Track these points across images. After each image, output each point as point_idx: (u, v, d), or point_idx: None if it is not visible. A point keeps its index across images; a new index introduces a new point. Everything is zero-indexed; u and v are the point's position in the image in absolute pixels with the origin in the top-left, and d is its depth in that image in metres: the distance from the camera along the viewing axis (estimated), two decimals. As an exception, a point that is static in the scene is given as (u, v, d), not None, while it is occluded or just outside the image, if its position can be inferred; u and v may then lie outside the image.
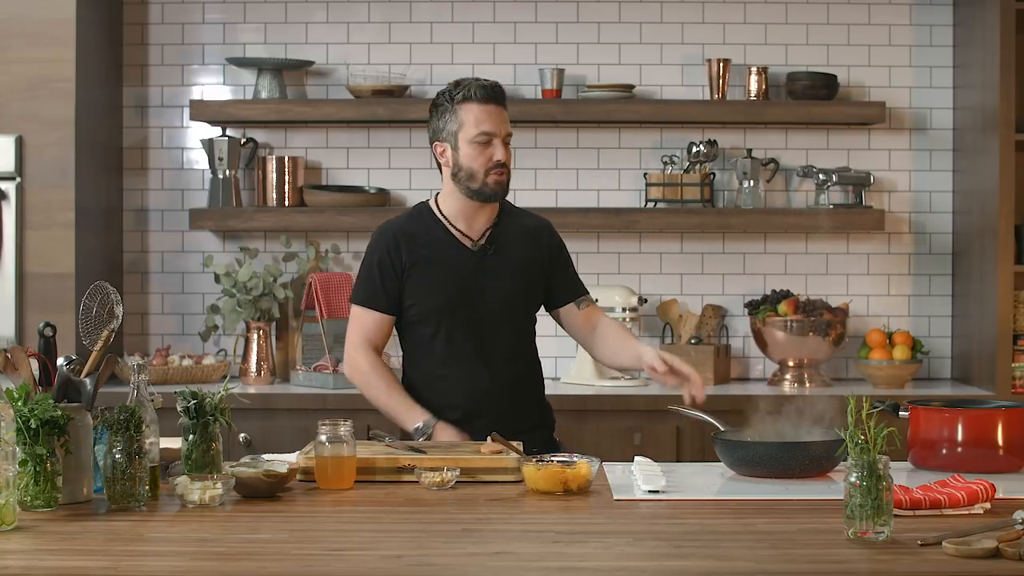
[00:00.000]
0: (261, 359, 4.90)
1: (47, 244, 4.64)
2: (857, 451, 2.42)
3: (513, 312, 3.55)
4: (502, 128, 3.49)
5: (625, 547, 2.41)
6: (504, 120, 3.51)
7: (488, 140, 3.46)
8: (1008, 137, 4.65)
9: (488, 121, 3.46)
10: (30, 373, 2.84)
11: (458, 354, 3.50)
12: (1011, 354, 4.70)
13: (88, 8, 4.75)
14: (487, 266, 3.52)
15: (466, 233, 3.53)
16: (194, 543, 2.45)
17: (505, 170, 3.49)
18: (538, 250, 3.59)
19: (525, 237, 3.58)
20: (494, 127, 3.47)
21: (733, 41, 5.11)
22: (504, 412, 3.49)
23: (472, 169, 3.47)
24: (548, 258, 3.59)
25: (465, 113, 3.47)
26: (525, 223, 3.63)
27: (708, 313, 5.03)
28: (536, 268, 3.57)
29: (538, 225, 3.64)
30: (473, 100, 3.46)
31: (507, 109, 3.55)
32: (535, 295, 3.60)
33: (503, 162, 3.48)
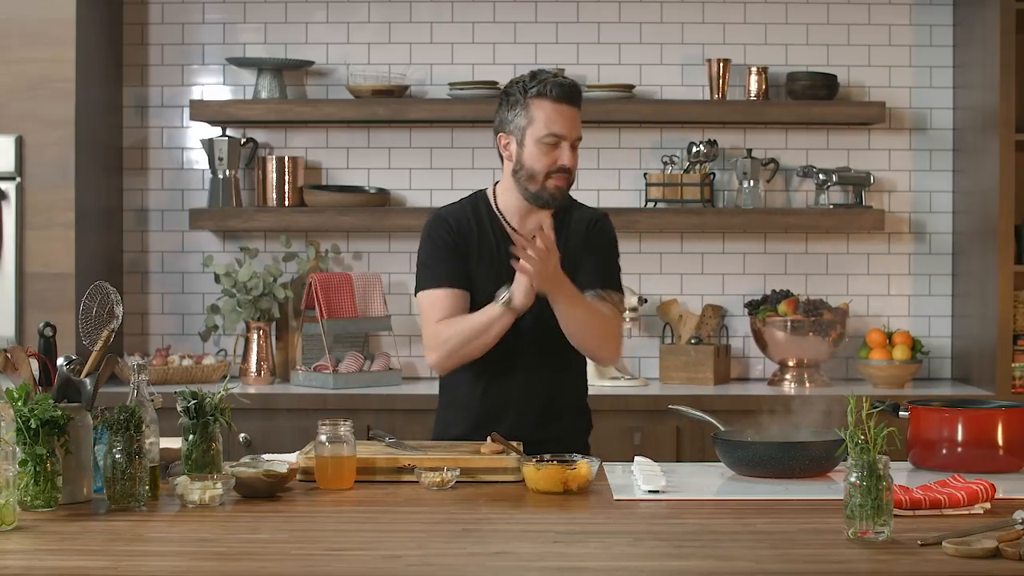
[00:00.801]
0: (261, 359, 4.90)
1: (47, 244, 4.64)
2: (857, 451, 2.42)
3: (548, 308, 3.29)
4: (573, 131, 3.30)
5: (625, 547, 2.41)
6: (576, 123, 3.31)
7: (556, 142, 3.28)
8: (1008, 137, 4.65)
9: (560, 122, 3.28)
10: (30, 373, 2.84)
11: (503, 356, 3.31)
12: (1011, 354, 4.70)
13: (88, 8, 4.75)
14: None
15: (520, 232, 3.34)
16: (194, 543, 2.45)
17: (568, 175, 3.31)
18: (583, 242, 3.39)
19: (578, 235, 3.39)
20: (565, 129, 3.28)
21: (733, 41, 5.11)
22: (548, 416, 3.37)
23: (534, 170, 3.29)
24: (587, 246, 3.39)
25: (537, 110, 3.28)
26: (581, 217, 3.42)
27: (708, 313, 5.03)
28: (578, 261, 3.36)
29: (591, 218, 3.44)
30: (547, 97, 3.28)
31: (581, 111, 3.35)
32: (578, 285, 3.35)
33: (568, 167, 3.29)
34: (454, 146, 5.11)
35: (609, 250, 3.44)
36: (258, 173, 5.05)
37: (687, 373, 4.88)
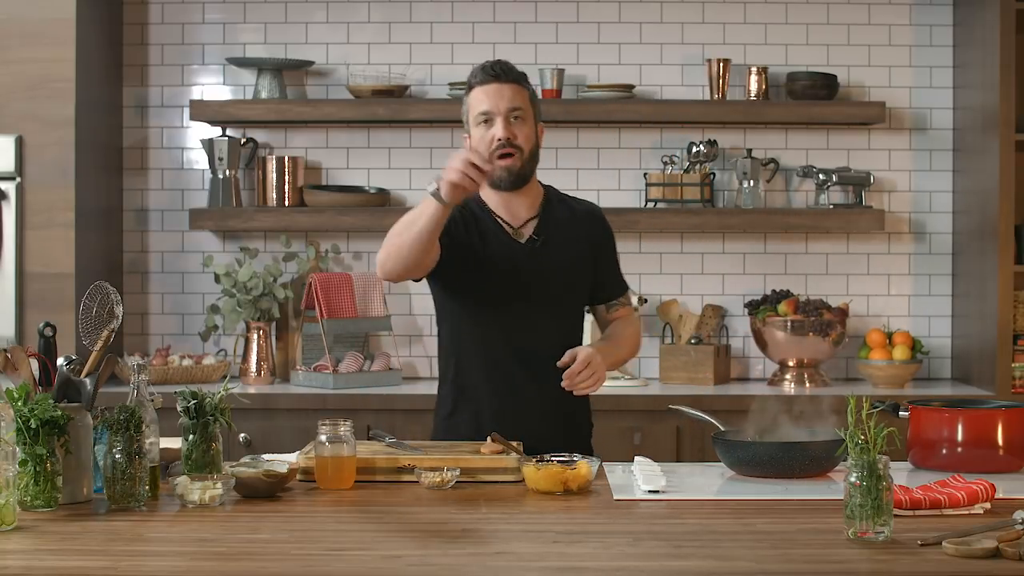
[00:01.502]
0: (261, 359, 4.90)
1: (47, 244, 4.64)
2: (857, 451, 2.42)
3: (560, 309, 3.37)
4: (501, 104, 3.24)
5: (625, 547, 2.41)
6: (506, 96, 3.25)
7: (488, 119, 3.26)
8: (1008, 137, 4.65)
9: (486, 100, 3.26)
10: (30, 373, 2.84)
11: (501, 350, 3.32)
12: (1011, 354, 4.70)
13: (88, 8, 4.75)
14: (535, 260, 3.32)
15: (510, 223, 3.35)
16: (194, 543, 2.45)
17: (511, 149, 3.25)
18: (587, 242, 3.40)
19: (573, 227, 3.38)
20: (491, 105, 3.25)
21: (733, 41, 5.11)
22: (548, 413, 3.34)
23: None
24: (596, 251, 3.41)
25: (471, 99, 3.31)
26: (572, 209, 3.42)
27: (708, 313, 5.03)
28: (585, 263, 3.39)
29: (586, 212, 3.44)
30: (476, 84, 3.30)
31: (521, 82, 3.30)
32: (583, 291, 3.43)
33: (504, 139, 3.24)
34: (454, 146, 5.11)
35: (613, 249, 3.50)
36: (258, 173, 5.05)
37: (687, 373, 4.88)
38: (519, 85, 3.30)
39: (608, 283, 3.47)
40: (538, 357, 3.31)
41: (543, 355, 3.29)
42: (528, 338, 3.33)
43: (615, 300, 3.49)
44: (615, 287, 3.50)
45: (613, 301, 3.48)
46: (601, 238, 3.45)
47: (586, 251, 3.40)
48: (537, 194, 3.39)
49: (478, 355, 3.36)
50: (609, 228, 3.49)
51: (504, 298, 3.31)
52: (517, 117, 3.26)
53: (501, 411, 3.33)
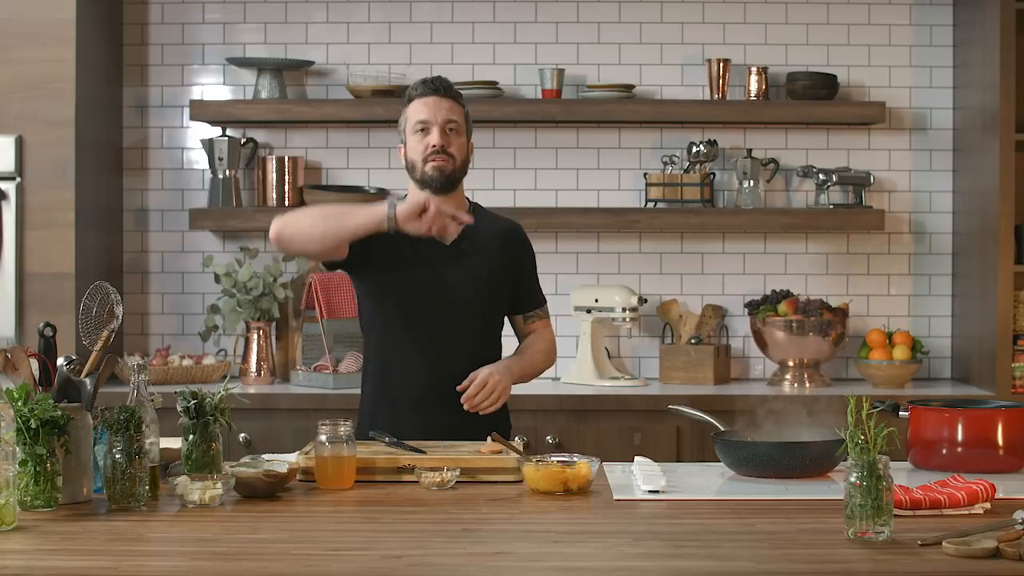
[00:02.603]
0: (261, 359, 4.90)
1: (47, 244, 4.64)
2: (857, 451, 2.42)
3: (477, 309, 3.55)
4: (439, 115, 3.48)
5: (625, 547, 2.41)
6: (443, 109, 3.50)
7: (425, 128, 3.49)
8: (1008, 137, 4.65)
9: (424, 111, 3.49)
10: (30, 373, 2.85)
11: (419, 345, 3.51)
12: (1011, 354, 4.70)
13: (88, 8, 4.75)
14: (458, 261, 3.53)
15: None
16: (194, 543, 2.45)
17: (444, 156, 3.48)
18: (510, 252, 3.63)
19: (494, 239, 3.60)
20: (429, 115, 3.48)
21: (733, 41, 5.11)
22: (460, 408, 3.45)
23: (415, 159, 3.50)
24: (515, 263, 3.64)
25: (409, 110, 3.53)
26: (496, 224, 3.66)
27: (708, 313, 5.03)
28: (506, 271, 3.61)
29: (510, 227, 3.68)
30: (414, 97, 3.53)
31: (457, 99, 3.54)
32: (502, 296, 3.62)
33: (438, 147, 3.47)
34: (454, 146, 5.11)
35: (531, 263, 3.70)
36: (258, 173, 5.05)
37: (687, 373, 4.88)
38: (455, 102, 3.55)
39: (525, 295, 3.67)
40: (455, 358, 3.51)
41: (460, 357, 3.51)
42: (447, 338, 3.53)
43: (531, 312, 3.68)
44: (532, 300, 3.69)
45: (529, 312, 3.68)
46: (519, 252, 3.66)
47: (504, 263, 3.60)
48: (462, 205, 3.57)
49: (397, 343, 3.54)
50: (528, 245, 3.70)
51: (426, 298, 3.51)
52: (452, 129, 3.51)
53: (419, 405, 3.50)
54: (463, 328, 3.53)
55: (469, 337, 3.54)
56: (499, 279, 3.59)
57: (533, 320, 3.69)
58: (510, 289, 3.63)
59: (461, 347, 3.52)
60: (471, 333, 3.55)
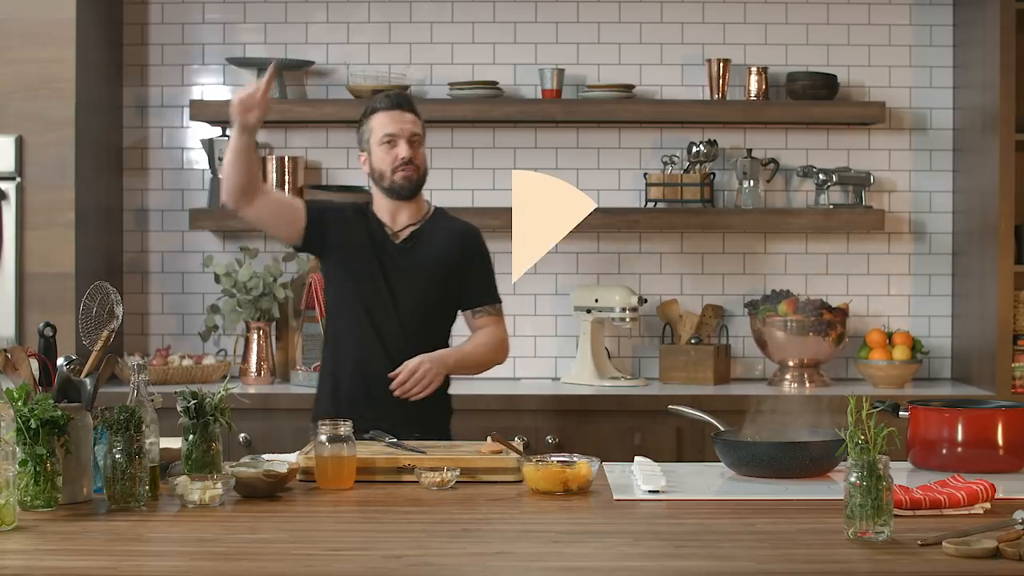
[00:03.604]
0: (261, 359, 4.90)
1: (47, 244, 4.64)
2: (857, 451, 2.42)
3: (422, 306, 3.80)
4: (405, 129, 3.79)
5: (625, 547, 2.41)
6: (408, 121, 3.81)
7: (392, 141, 3.78)
8: (1008, 137, 4.65)
9: (391, 124, 3.79)
10: (30, 373, 2.85)
11: (365, 336, 3.78)
12: (1011, 354, 4.70)
13: (88, 8, 4.75)
14: (405, 260, 3.81)
15: (390, 226, 3.86)
16: (194, 543, 2.45)
17: (412, 167, 3.79)
18: (457, 252, 3.85)
19: (448, 238, 3.85)
20: (396, 128, 3.78)
21: (733, 41, 5.11)
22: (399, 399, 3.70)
23: (382, 169, 3.80)
24: (464, 262, 3.85)
25: (373, 122, 3.82)
26: (452, 226, 3.90)
27: (708, 313, 5.03)
28: (452, 269, 3.83)
29: (464, 229, 3.91)
30: (379, 109, 3.82)
31: (417, 114, 3.84)
32: (447, 294, 3.85)
33: (407, 159, 3.78)
34: (454, 146, 5.11)
35: (484, 263, 3.91)
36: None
37: (687, 373, 4.88)
38: (416, 115, 3.85)
39: (474, 292, 3.88)
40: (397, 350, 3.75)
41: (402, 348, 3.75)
42: (389, 329, 3.78)
43: (480, 308, 3.88)
44: (481, 297, 3.89)
45: (478, 308, 3.88)
46: (469, 252, 3.87)
47: (451, 261, 3.83)
48: (421, 208, 3.89)
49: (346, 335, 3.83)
50: (480, 245, 3.91)
51: (374, 289, 3.79)
52: (416, 141, 3.81)
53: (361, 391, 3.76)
54: (406, 321, 3.79)
55: (411, 330, 3.79)
56: (446, 277, 3.82)
57: (481, 316, 3.88)
58: (458, 287, 3.86)
59: (403, 339, 3.77)
60: (414, 326, 3.79)
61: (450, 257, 3.84)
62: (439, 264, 3.82)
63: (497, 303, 3.93)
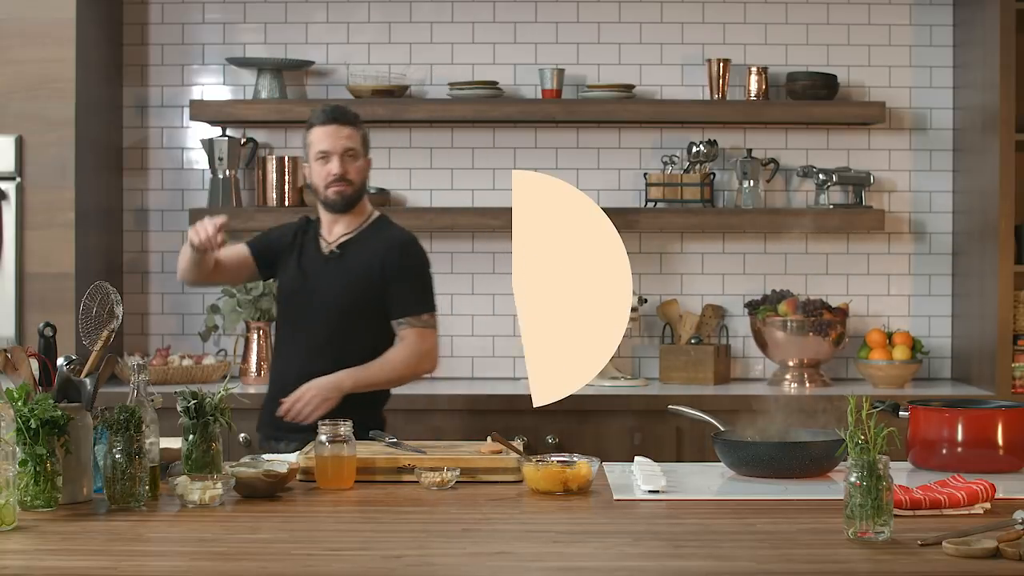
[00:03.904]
0: (261, 359, 4.90)
1: (47, 244, 4.64)
2: (857, 451, 2.42)
3: (343, 316, 3.82)
4: (338, 145, 3.83)
5: (625, 547, 2.41)
6: (343, 137, 3.84)
7: (325, 157, 3.83)
8: (1008, 137, 4.65)
9: (325, 140, 3.84)
10: (30, 373, 2.84)
11: (291, 339, 3.89)
12: (1011, 354, 4.70)
13: (88, 8, 4.75)
14: (331, 271, 3.85)
15: (327, 237, 3.91)
16: (194, 543, 2.45)
17: (344, 183, 3.83)
18: (383, 262, 3.83)
19: (378, 249, 3.85)
20: (329, 145, 3.83)
21: (733, 41, 5.11)
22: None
23: (316, 184, 3.87)
24: (390, 272, 3.83)
25: (311, 136, 3.87)
26: (387, 235, 3.90)
27: (708, 313, 5.04)
28: (376, 280, 3.83)
29: (397, 239, 3.90)
30: (316, 123, 3.87)
31: (356, 126, 3.88)
32: (371, 305, 3.84)
33: (339, 175, 3.82)
34: (454, 146, 5.12)
35: (416, 273, 3.89)
36: (258, 173, 5.05)
37: (687, 373, 4.88)
38: (354, 127, 3.88)
39: (397, 303, 3.85)
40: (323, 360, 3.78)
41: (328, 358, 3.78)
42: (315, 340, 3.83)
43: (402, 319, 3.84)
44: (404, 307, 3.85)
45: (400, 320, 3.84)
46: (395, 262, 3.85)
47: (376, 271, 3.83)
48: (361, 218, 3.92)
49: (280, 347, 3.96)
50: (411, 255, 3.89)
51: (297, 301, 3.88)
52: (350, 156, 3.84)
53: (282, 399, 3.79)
54: (331, 331, 3.82)
55: (338, 340, 3.82)
56: (369, 287, 3.82)
57: (403, 327, 3.84)
58: (384, 298, 3.84)
59: (318, 350, 3.81)
60: (340, 336, 3.82)
61: (375, 267, 3.83)
62: (363, 274, 3.83)
63: (423, 314, 3.87)
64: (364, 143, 3.91)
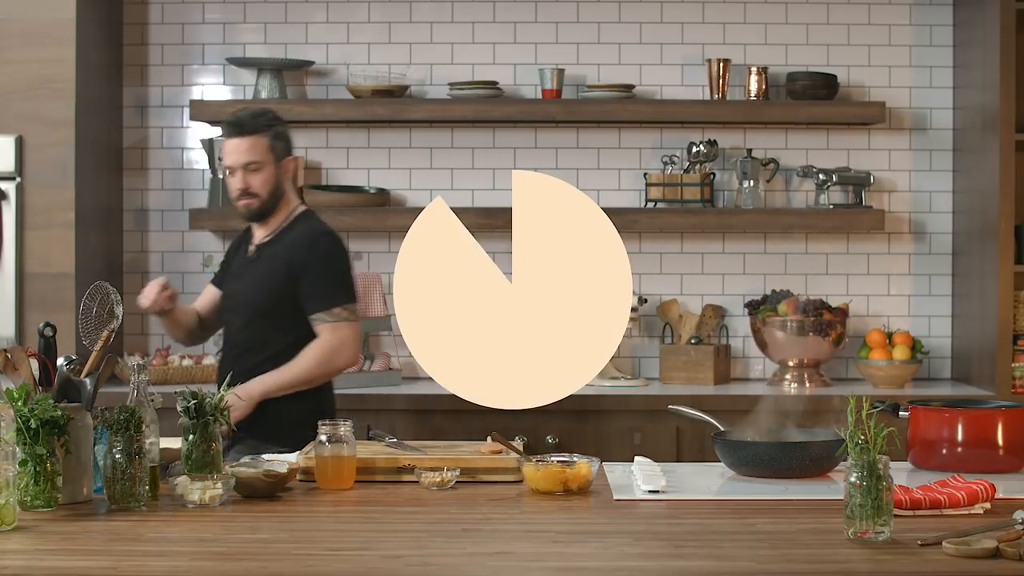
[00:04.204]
0: (261, 359, 4.89)
1: (47, 244, 4.64)
2: (857, 451, 2.42)
3: (258, 318, 3.84)
4: (238, 159, 3.82)
5: (625, 547, 2.41)
6: (243, 151, 3.82)
7: (230, 172, 3.86)
8: (1008, 137, 4.65)
9: (226, 156, 3.86)
10: (30, 373, 2.84)
11: (226, 343, 3.98)
12: (1011, 354, 4.70)
13: (88, 8, 4.75)
14: (249, 273, 3.90)
15: (253, 243, 3.96)
16: (194, 543, 2.45)
17: (249, 197, 3.84)
18: (291, 259, 3.82)
19: (290, 247, 3.85)
20: (230, 160, 3.85)
21: (733, 41, 5.11)
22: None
23: (230, 196, 3.91)
24: (300, 268, 3.81)
25: (219, 149, 3.92)
26: (301, 230, 3.88)
27: (708, 313, 5.04)
28: (286, 277, 3.81)
29: (307, 234, 3.87)
30: (223, 137, 3.90)
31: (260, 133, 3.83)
32: (285, 303, 3.82)
33: (241, 190, 3.83)
34: (454, 146, 5.12)
35: (325, 266, 3.84)
36: (258, 173, 5.05)
37: (687, 373, 4.88)
38: (257, 135, 3.83)
39: (308, 299, 3.82)
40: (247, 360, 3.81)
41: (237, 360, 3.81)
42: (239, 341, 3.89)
43: (314, 316, 3.81)
44: (315, 303, 3.81)
45: (312, 316, 3.81)
46: (300, 258, 3.82)
47: (282, 269, 3.82)
48: (282, 220, 3.91)
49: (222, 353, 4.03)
50: (319, 249, 3.84)
51: (227, 302, 3.98)
52: (254, 169, 3.83)
53: None
54: (253, 332, 3.85)
55: (259, 341, 3.84)
56: (280, 286, 3.81)
57: (317, 323, 3.81)
58: (296, 295, 3.81)
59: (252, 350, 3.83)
60: (261, 337, 3.84)
61: (283, 265, 3.82)
62: (274, 274, 3.82)
63: (335, 307, 3.81)
64: (271, 150, 3.85)
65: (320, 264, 3.83)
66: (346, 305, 3.83)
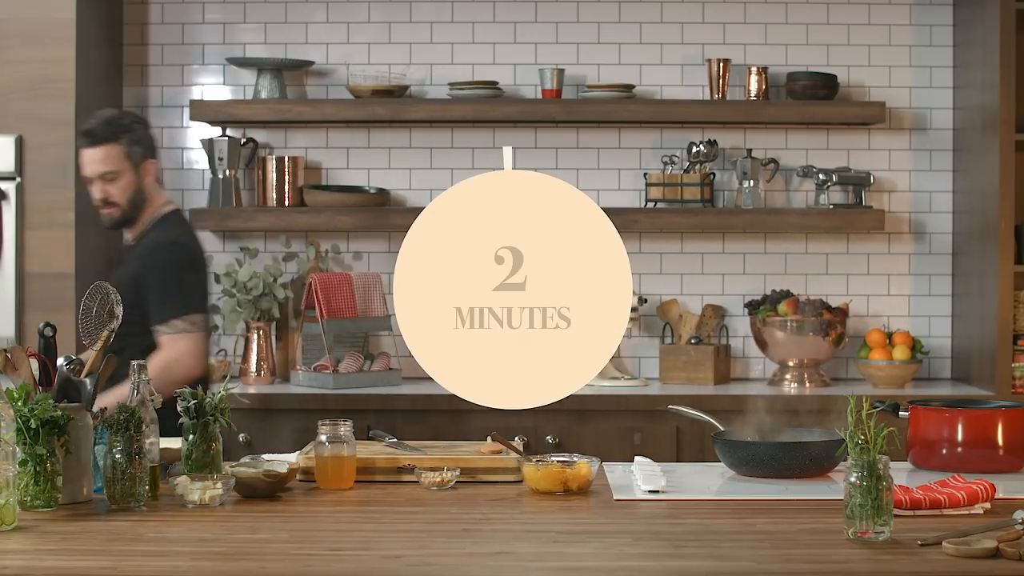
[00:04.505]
0: (261, 359, 4.90)
1: (47, 244, 4.64)
2: (857, 451, 2.42)
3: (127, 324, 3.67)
4: (93, 170, 3.84)
5: (625, 547, 2.41)
6: (96, 161, 3.83)
7: (88, 182, 3.87)
8: (1008, 137, 4.65)
9: (83, 166, 3.87)
10: (30, 373, 2.84)
11: None
12: (1011, 354, 4.70)
13: (88, 8, 4.75)
14: (118, 274, 3.85)
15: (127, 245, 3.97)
16: (194, 543, 2.45)
17: (108, 206, 3.85)
18: (137, 271, 3.82)
19: (139, 258, 3.85)
20: (87, 171, 3.86)
21: (733, 41, 5.11)
22: None
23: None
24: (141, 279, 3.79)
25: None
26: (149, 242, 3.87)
27: (708, 313, 5.04)
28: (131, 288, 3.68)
29: (151, 244, 3.86)
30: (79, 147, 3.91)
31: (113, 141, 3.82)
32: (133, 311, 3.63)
33: (102, 200, 3.84)
34: (454, 146, 5.12)
35: (161, 278, 3.81)
36: (258, 173, 5.05)
37: (687, 373, 4.88)
38: (110, 143, 3.83)
39: (149, 312, 3.79)
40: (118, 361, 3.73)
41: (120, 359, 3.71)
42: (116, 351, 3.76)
43: (154, 327, 3.79)
44: (154, 315, 3.79)
45: (153, 327, 3.79)
46: (143, 270, 3.82)
47: (130, 279, 3.77)
48: (146, 224, 3.92)
49: None
50: (156, 258, 3.84)
51: None
52: (110, 179, 3.84)
53: None
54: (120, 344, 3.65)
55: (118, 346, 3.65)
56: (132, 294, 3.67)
57: (157, 335, 3.79)
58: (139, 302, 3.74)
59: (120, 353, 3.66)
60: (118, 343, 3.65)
61: (132, 275, 3.79)
62: (128, 283, 3.72)
63: (172, 319, 3.79)
64: (128, 156, 3.85)
65: (158, 276, 3.82)
66: (185, 316, 3.81)
